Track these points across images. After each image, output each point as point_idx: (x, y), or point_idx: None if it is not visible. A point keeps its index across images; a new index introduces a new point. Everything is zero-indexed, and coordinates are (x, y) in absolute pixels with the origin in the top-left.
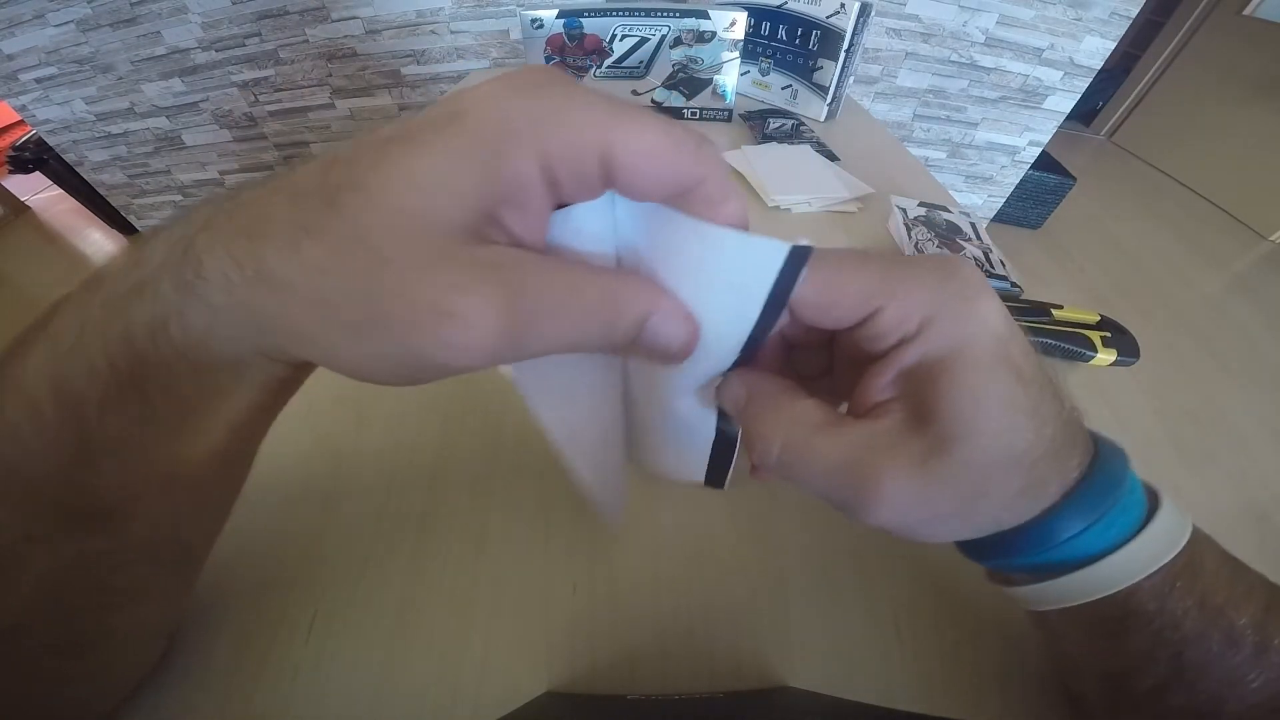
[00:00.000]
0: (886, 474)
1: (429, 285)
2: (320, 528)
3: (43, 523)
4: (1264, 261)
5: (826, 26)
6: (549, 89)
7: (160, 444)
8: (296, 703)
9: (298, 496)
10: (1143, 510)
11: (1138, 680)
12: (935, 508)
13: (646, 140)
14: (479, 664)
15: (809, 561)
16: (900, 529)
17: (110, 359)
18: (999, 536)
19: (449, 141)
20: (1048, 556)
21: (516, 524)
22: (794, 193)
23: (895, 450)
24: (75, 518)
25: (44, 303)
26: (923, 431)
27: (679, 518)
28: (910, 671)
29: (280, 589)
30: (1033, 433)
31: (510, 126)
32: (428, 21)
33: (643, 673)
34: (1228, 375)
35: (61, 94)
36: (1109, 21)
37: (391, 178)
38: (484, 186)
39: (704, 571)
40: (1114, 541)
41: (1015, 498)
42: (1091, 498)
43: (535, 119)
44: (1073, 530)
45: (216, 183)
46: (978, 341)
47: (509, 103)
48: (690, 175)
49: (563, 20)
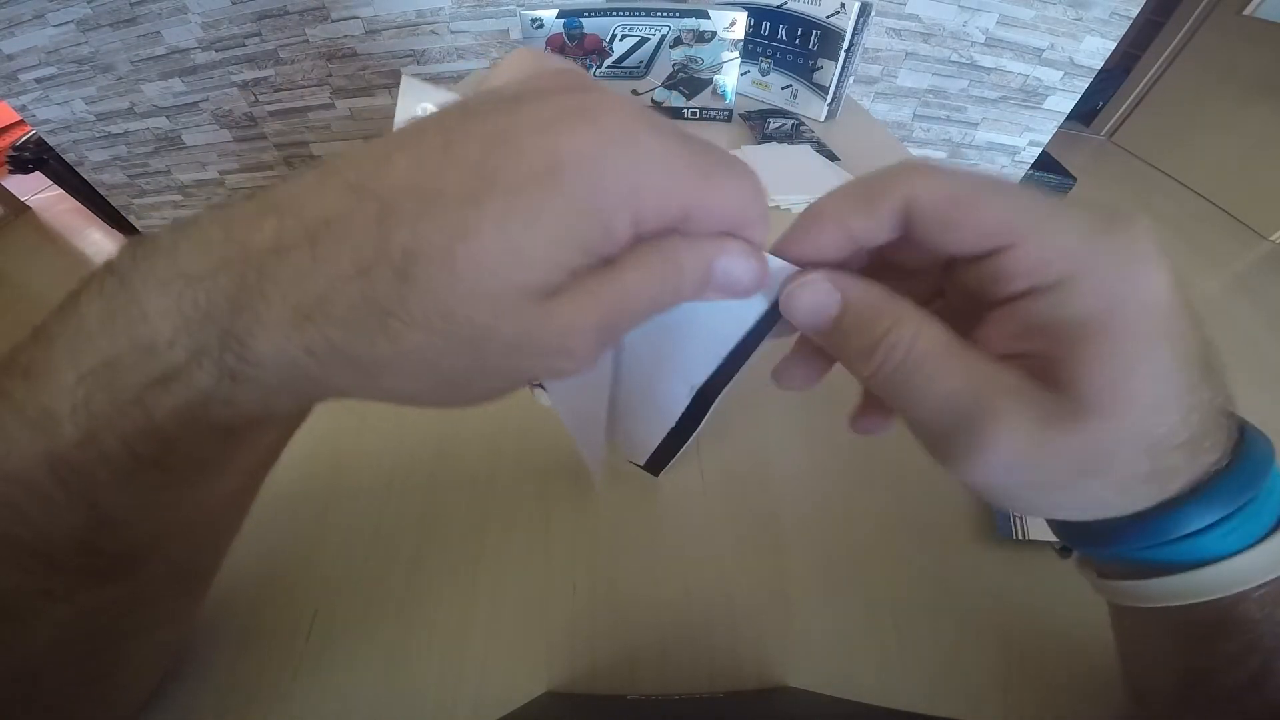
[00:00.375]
0: (1005, 420)
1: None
2: (321, 528)
3: (59, 581)
4: (1264, 261)
5: (826, 26)
6: (644, 144)
7: (179, 500)
8: (296, 703)
9: (298, 497)
10: (1276, 513)
11: (1217, 682)
12: (1045, 474)
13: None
14: (479, 664)
15: (809, 561)
16: (997, 488)
17: (130, 448)
18: (1107, 521)
19: (560, 207)
20: (1156, 554)
21: (516, 524)
22: (794, 193)
23: (1022, 399)
24: (93, 574)
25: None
26: (1053, 392)
27: (679, 518)
28: (910, 671)
29: (280, 589)
30: (1178, 419)
31: (611, 190)
32: (428, 21)
33: (643, 673)
34: (1228, 375)
35: (61, 94)
36: (1109, 21)
37: (488, 250)
38: (582, 250)
39: (704, 571)
40: (1239, 545)
41: (1137, 484)
42: (1224, 493)
43: (635, 185)
44: (1193, 527)
45: (216, 182)
46: (1141, 308)
47: (609, 161)
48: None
49: (563, 20)
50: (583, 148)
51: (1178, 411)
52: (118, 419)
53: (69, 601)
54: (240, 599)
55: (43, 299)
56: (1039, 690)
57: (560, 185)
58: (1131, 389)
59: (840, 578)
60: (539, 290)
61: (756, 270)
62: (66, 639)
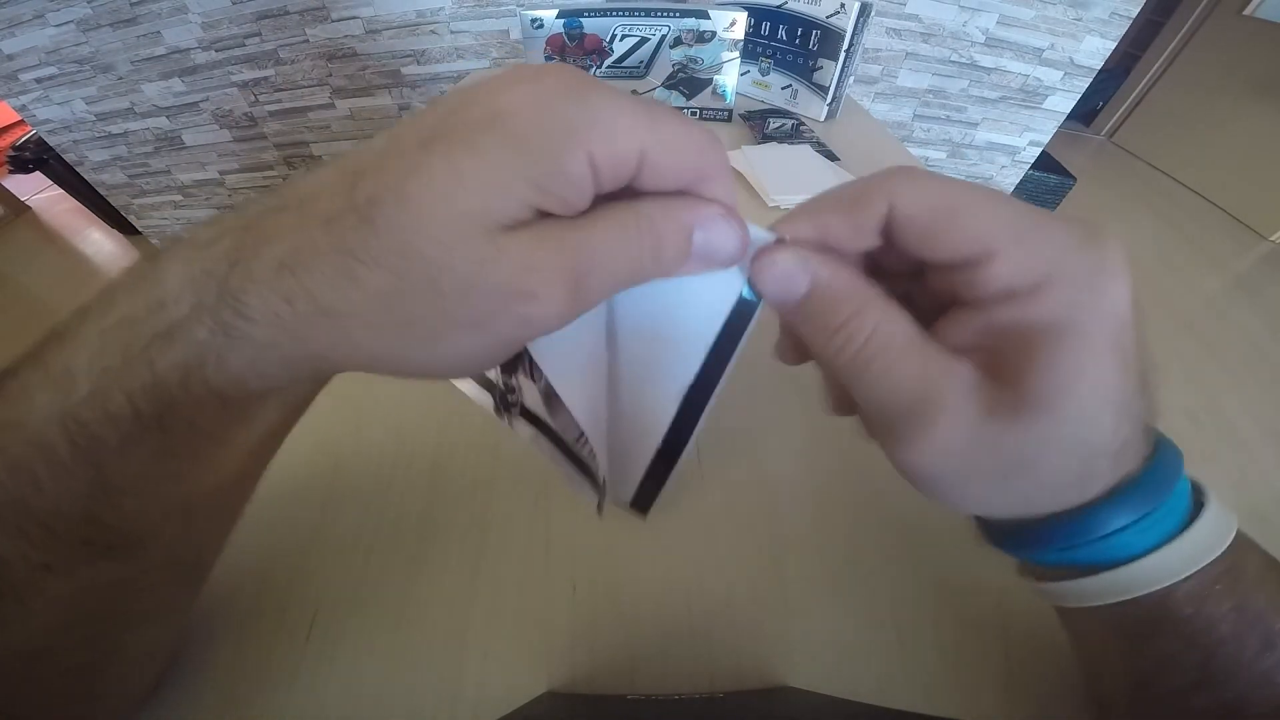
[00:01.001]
0: (951, 409)
1: (501, 276)
2: (321, 528)
3: (60, 554)
4: (1264, 261)
5: (826, 26)
6: (592, 95)
7: (181, 476)
8: (296, 703)
9: (298, 497)
10: (1187, 511)
11: (1163, 681)
12: (980, 465)
13: (677, 144)
14: (479, 664)
15: (809, 561)
16: (930, 477)
17: (134, 405)
18: (1035, 525)
19: (500, 140)
20: (1084, 554)
21: (516, 524)
22: (794, 193)
23: (971, 392)
24: (94, 548)
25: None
26: (1001, 386)
27: (679, 518)
28: (910, 671)
29: (280, 589)
30: (1111, 429)
31: (564, 129)
32: (428, 21)
33: (643, 673)
34: (1228, 375)
35: (61, 94)
36: (1109, 21)
37: (436, 181)
38: (538, 182)
39: (704, 571)
40: (1154, 542)
41: (1062, 486)
42: (1139, 496)
43: (587, 123)
44: (1113, 526)
45: (216, 182)
46: (1102, 320)
47: (559, 106)
48: (702, 174)
49: (563, 20)
50: (527, 96)
51: (1113, 422)
52: (125, 374)
53: (68, 576)
54: (240, 599)
55: (43, 299)
56: (1039, 690)
57: (505, 123)
58: (1078, 393)
59: (840, 578)
60: (490, 222)
61: (737, 236)
62: (63, 622)
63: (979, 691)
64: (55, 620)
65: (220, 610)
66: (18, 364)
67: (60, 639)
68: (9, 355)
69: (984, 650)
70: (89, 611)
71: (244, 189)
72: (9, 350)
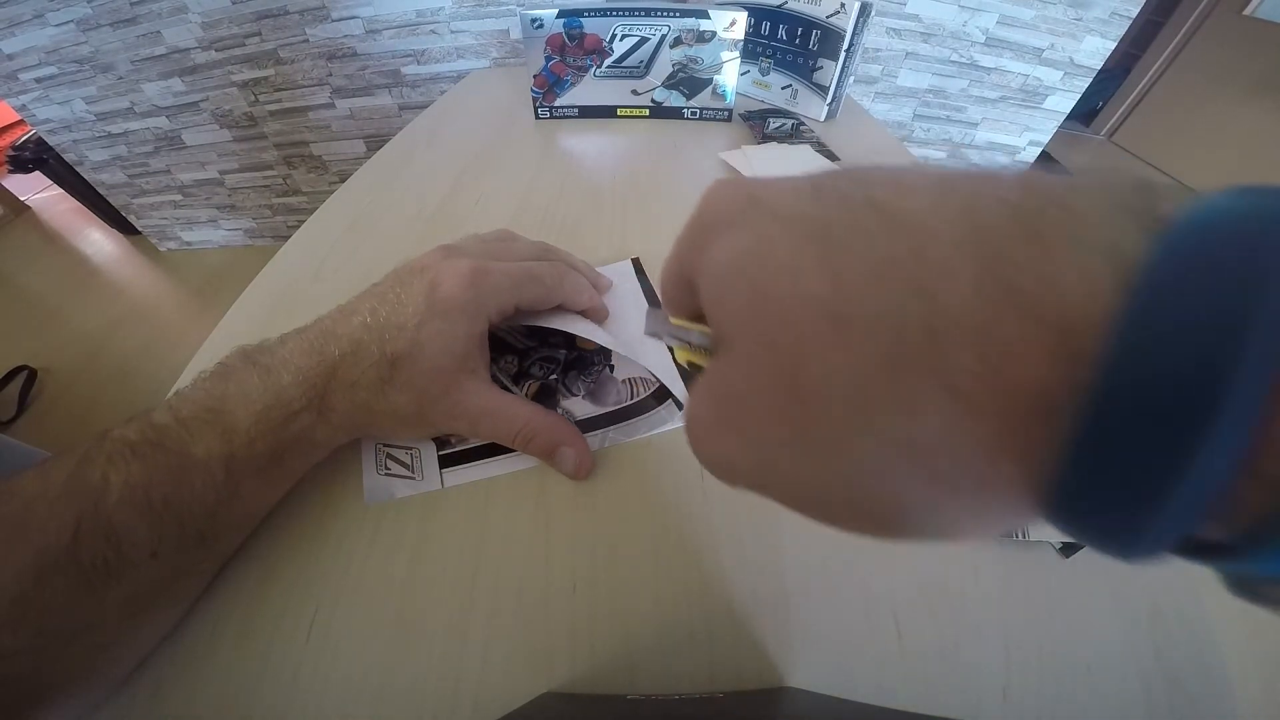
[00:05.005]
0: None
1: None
2: (320, 528)
3: (169, 544)
4: None
5: (826, 26)
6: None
7: (268, 494)
8: (296, 703)
9: (298, 497)
10: None
11: None
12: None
13: (531, 295)
14: (479, 664)
15: (809, 561)
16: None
17: (271, 450)
18: None
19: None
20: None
21: (517, 524)
22: None
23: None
24: (193, 540)
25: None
26: None
27: (679, 518)
28: (910, 671)
29: (280, 589)
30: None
31: (475, 307)
32: (428, 21)
33: (643, 673)
34: None
35: (61, 94)
36: (1109, 21)
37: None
38: (470, 340)
39: (704, 571)
40: None
41: None
42: None
43: (483, 302)
44: None
45: (216, 182)
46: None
47: (470, 294)
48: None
49: (563, 20)
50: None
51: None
52: (268, 435)
53: (162, 561)
54: (240, 598)
55: (43, 299)
56: (1039, 691)
57: (451, 308)
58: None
59: (840, 578)
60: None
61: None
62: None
63: (979, 691)
64: (122, 596)
65: (220, 610)
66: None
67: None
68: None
69: (984, 650)
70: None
71: (244, 189)
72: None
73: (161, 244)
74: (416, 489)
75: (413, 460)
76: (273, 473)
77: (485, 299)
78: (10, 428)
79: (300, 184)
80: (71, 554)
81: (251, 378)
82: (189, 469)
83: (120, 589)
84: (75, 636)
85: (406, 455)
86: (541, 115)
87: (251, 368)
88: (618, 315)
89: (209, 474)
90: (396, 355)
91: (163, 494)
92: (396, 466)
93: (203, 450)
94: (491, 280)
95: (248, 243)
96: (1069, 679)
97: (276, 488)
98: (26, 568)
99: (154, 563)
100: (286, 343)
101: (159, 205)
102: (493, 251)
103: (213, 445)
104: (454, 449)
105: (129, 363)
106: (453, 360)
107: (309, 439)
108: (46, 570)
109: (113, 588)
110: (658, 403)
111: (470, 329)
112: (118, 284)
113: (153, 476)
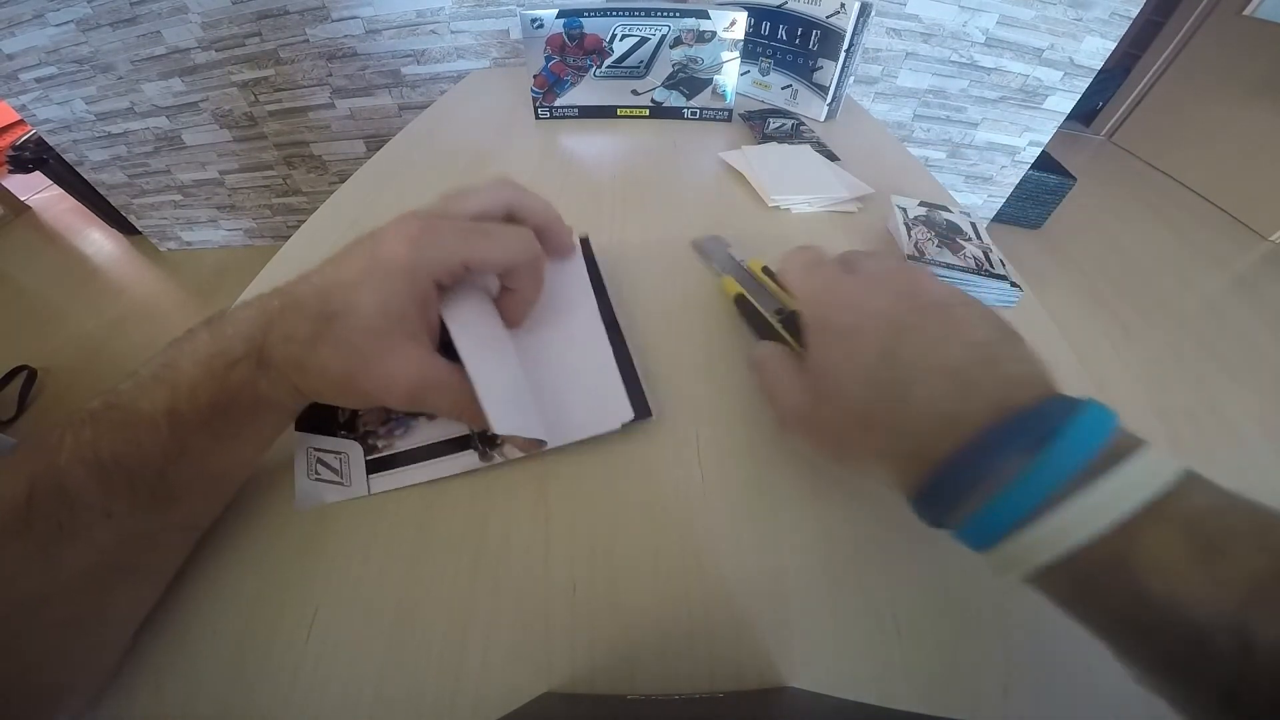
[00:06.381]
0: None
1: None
2: (320, 528)
3: (121, 503)
4: (1264, 261)
5: (826, 26)
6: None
7: (220, 454)
8: (296, 703)
9: None
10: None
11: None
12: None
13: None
14: (479, 664)
15: (809, 561)
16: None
17: (213, 400)
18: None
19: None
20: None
21: (516, 524)
22: (794, 193)
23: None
24: (146, 500)
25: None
26: None
27: (678, 518)
28: (910, 671)
29: (280, 589)
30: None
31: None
32: (428, 21)
33: (643, 673)
34: (1228, 375)
35: (61, 94)
36: (1109, 21)
37: (361, 306)
38: (409, 300)
39: (704, 571)
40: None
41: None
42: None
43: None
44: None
45: (216, 182)
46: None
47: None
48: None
49: (563, 20)
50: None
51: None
52: (210, 384)
53: (117, 523)
54: (240, 598)
55: (43, 299)
56: (1039, 691)
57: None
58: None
59: (840, 578)
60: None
61: None
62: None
63: (979, 692)
64: (81, 563)
65: (220, 609)
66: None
67: (68, 586)
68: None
69: (984, 650)
70: (108, 561)
71: (244, 189)
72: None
73: (161, 244)
74: (344, 494)
75: (341, 465)
76: (218, 426)
77: (428, 258)
78: (10, 428)
79: (300, 184)
80: (24, 517)
81: (203, 334)
82: (135, 424)
83: (76, 553)
84: (35, 609)
85: (335, 460)
86: (541, 115)
87: (205, 327)
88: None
89: (154, 429)
90: (332, 313)
91: (111, 451)
92: (326, 471)
93: (148, 404)
94: (437, 238)
95: (248, 243)
96: (1069, 679)
97: (226, 445)
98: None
99: (109, 523)
100: (248, 306)
101: (159, 205)
102: (454, 208)
103: (158, 399)
104: (380, 454)
105: (129, 363)
106: (386, 321)
107: (252, 391)
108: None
109: (68, 552)
110: (455, 449)
111: (411, 289)
112: (118, 284)
113: (101, 434)
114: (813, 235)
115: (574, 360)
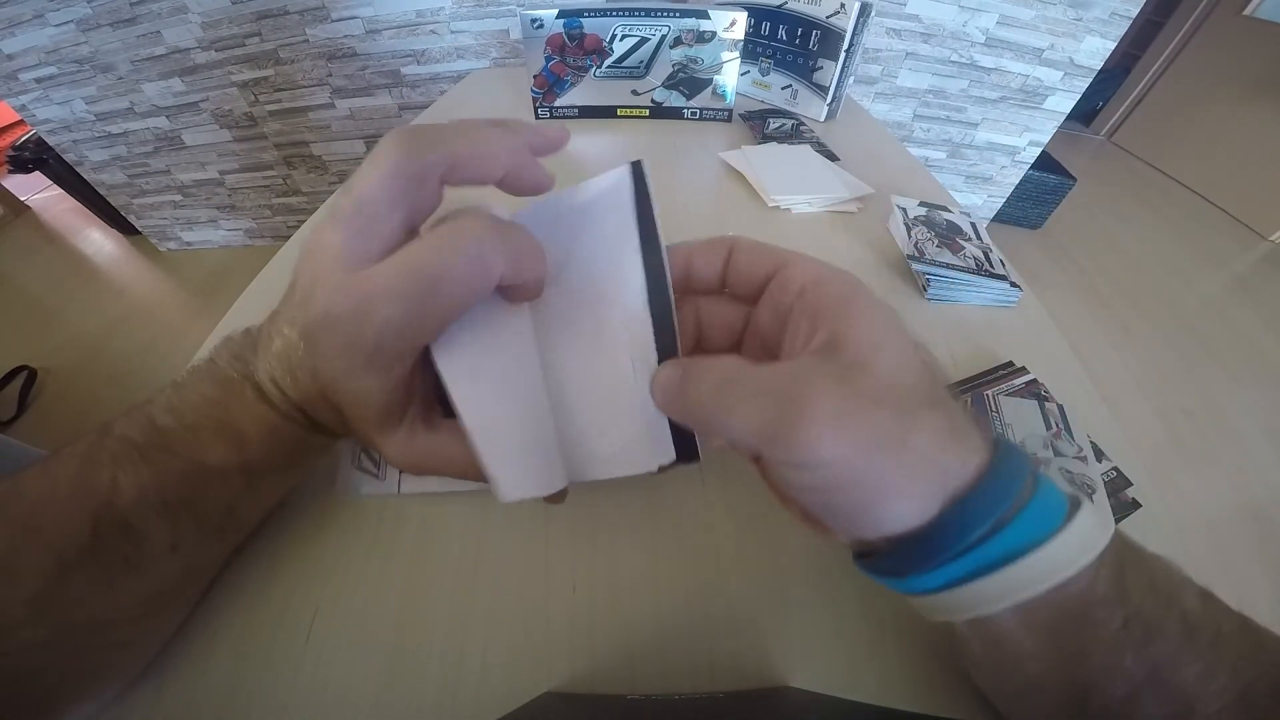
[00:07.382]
0: (814, 391)
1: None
2: (321, 528)
3: (189, 537)
4: (1264, 261)
5: (826, 26)
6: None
7: (287, 482)
8: (296, 703)
9: (299, 497)
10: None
11: (1109, 688)
12: (868, 423)
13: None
14: (479, 664)
15: (809, 561)
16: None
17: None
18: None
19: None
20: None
21: (516, 524)
22: (794, 193)
23: (816, 373)
24: (214, 533)
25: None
26: (836, 359)
27: (679, 517)
28: (910, 671)
29: (280, 589)
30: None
31: None
32: (428, 21)
33: (643, 673)
34: (1228, 375)
35: (61, 94)
36: (1109, 21)
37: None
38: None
39: (704, 571)
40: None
41: (944, 435)
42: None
43: None
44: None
45: (216, 182)
46: (867, 293)
47: None
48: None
49: (563, 20)
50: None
51: (912, 359)
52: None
53: (184, 556)
54: (240, 598)
55: (43, 299)
56: None
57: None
58: (884, 332)
59: (840, 578)
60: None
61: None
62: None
63: (978, 692)
64: (144, 592)
65: (220, 609)
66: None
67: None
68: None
69: None
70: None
71: (244, 189)
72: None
73: (161, 244)
74: (377, 488)
75: (380, 458)
76: (289, 471)
77: None
78: (10, 428)
79: (300, 184)
80: (91, 552)
81: (246, 392)
82: (204, 476)
83: (142, 583)
84: (96, 632)
85: (375, 453)
86: (541, 115)
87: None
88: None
89: (226, 480)
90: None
91: (178, 496)
92: (368, 462)
93: (217, 459)
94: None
95: (248, 243)
96: None
97: (292, 475)
98: (46, 565)
99: (174, 556)
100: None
101: (159, 205)
102: None
103: (228, 455)
104: None
105: (129, 363)
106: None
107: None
108: (67, 567)
109: (135, 582)
110: None
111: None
112: (118, 284)
113: (165, 481)
114: (813, 235)
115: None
